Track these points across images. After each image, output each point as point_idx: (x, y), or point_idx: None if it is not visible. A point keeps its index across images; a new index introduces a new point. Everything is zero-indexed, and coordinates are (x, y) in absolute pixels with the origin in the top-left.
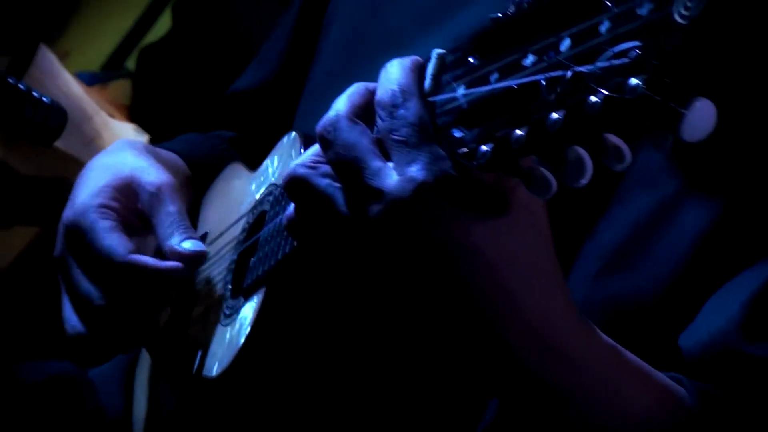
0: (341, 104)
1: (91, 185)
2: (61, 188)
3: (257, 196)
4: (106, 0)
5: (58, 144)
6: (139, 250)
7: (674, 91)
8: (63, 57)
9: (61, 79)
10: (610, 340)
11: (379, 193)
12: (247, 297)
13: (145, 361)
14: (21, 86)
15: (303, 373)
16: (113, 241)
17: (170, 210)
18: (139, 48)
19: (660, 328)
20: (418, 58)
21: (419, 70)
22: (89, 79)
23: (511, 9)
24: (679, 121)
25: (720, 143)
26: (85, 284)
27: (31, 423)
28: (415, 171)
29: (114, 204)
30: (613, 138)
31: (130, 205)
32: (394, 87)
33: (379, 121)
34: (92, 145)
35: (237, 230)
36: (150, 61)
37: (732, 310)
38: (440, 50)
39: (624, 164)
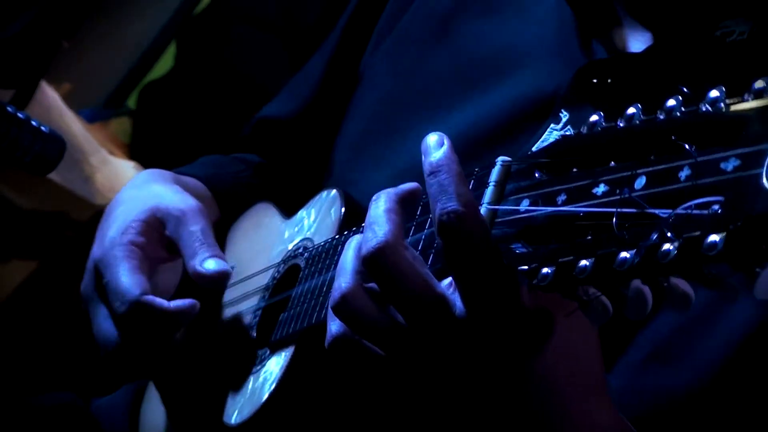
0: (384, 224)
1: (119, 221)
2: (60, 223)
3: (289, 246)
4: (109, 37)
5: (58, 179)
6: (161, 286)
7: (752, 250)
8: (65, 94)
9: (62, 116)
10: None
11: (448, 319)
12: (273, 351)
13: (153, 393)
14: (20, 115)
15: (323, 428)
16: (131, 280)
17: (193, 230)
18: (141, 86)
19: (693, 425)
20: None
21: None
22: (90, 116)
23: (584, 129)
24: (755, 279)
25: None
26: (107, 324)
27: None
28: (483, 296)
29: (141, 240)
30: (680, 283)
31: (157, 235)
32: (456, 204)
33: (439, 238)
34: (91, 181)
35: (266, 277)
36: (151, 99)
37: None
38: (506, 158)
39: (688, 309)
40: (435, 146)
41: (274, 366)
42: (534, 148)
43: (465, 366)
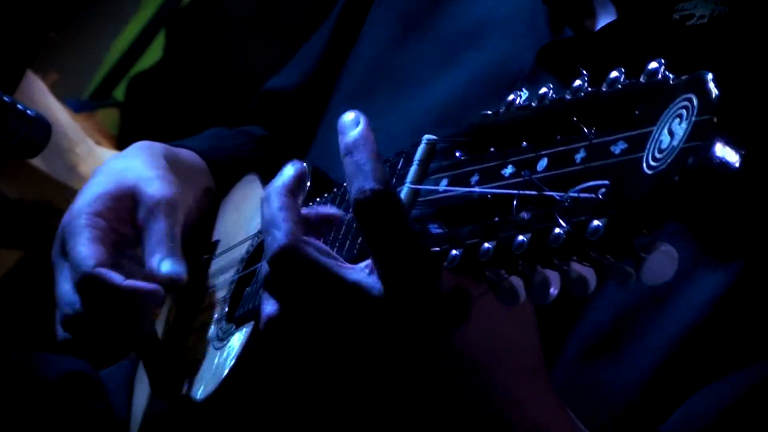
0: (280, 225)
1: (92, 191)
2: (45, 212)
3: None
4: (97, 28)
5: (43, 168)
6: (121, 264)
7: (635, 235)
8: (51, 83)
9: (48, 105)
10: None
11: (365, 303)
12: (237, 326)
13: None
14: (6, 99)
15: (284, 403)
16: (88, 250)
17: (158, 227)
18: (129, 77)
19: (638, 418)
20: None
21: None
22: (76, 106)
23: (502, 108)
24: (640, 265)
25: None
26: (67, 289)
27: (44, 417)
28: (400, 277)
29: (108, 213)
30: (578, 266)
31: (127, 215)
32: (371, 185)
33: (355, 220)
34: (76, 171)
35: (242, 249)
36: (140, 90)
37: (709, 419)
38: (431, 136)
39: (588, 292)
40: (351, 125)
41: (236, 341)
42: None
43: (384, 342)
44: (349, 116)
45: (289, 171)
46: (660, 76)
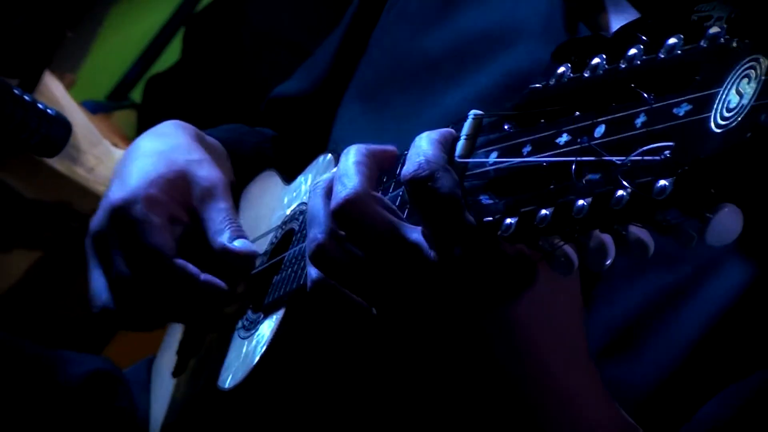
0: (354, 177)
1: (146, 171)
2: (63, 213)
3: (288, 212)
4: (113, 30)
5: (61, 169)
6: (181, 248)
7: (703, 194)
8: (68, 85)
9: (65, 106)
10: (629, 419)
11: (421, 265)
12: (266, 315)
13: (160, 362)
14: (26, 97)
15: (314, 392)
16: (163, 240)
17: (222, 206)
18: (145, 79)
19: (656, 416)
20: (449, 130)
21: (448, 142)
22: (93, 108)
23: (552, 81)
24: (706, 225)
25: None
26: (122, 265)
27: (70, 416)
28: (452, 244)
29: (165, 198)
30: (636, 230)
31: (181, 198)
32: (421, 160)
33: (408, 195)
34: (94, 172)
35: (265, 242)
36: (156, 91)
37: (727, 420)
38: (477, 111)
39: (647, 256)
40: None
41: (266, 329)
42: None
43: (438, 306)
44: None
45: (381, 146)
46: (722, 39)
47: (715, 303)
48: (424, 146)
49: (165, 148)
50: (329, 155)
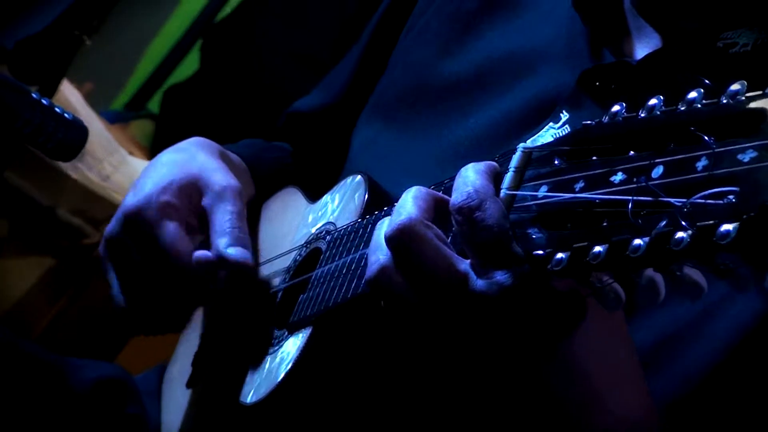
0: (410, 208)
1: (159, 178)
2: (78, 221)
3: (312, 230)
4: (132, 40)
5: (76, 176)
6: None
7: (765, 240)
8: (86, 93)
9: (83, 114)
10: None
11: (469, 295)
12: (291, 332)
13: (173, 371)
14: (44, 102)
15: (337, 411)
16: (180, 242)
17: (229, 209)
18: (163, 89)
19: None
20: (494, 164)
21: (494, 174)
22: (111, 118)
23: (606, 119)
24: (766, 271)
25: None
26: (136, 267)
27: (81, 422)
28: (499, 275)
29: (177, 203)
30: (692, 272)
31: (192, 204)
32: (470, 189)
33: (455, 224)
34: (110, 181)
35: (288, 259)
36: (174, 102)
37: None
38: (527, 145)
39: (701, 297)
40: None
41: (291, 346)
42: (529, 143)
43: (489, 339)
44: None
45: (444, 196)
46: None
47: (737, 326)
48: (471, 176)
49: (181, 159)
50: (359, 176)
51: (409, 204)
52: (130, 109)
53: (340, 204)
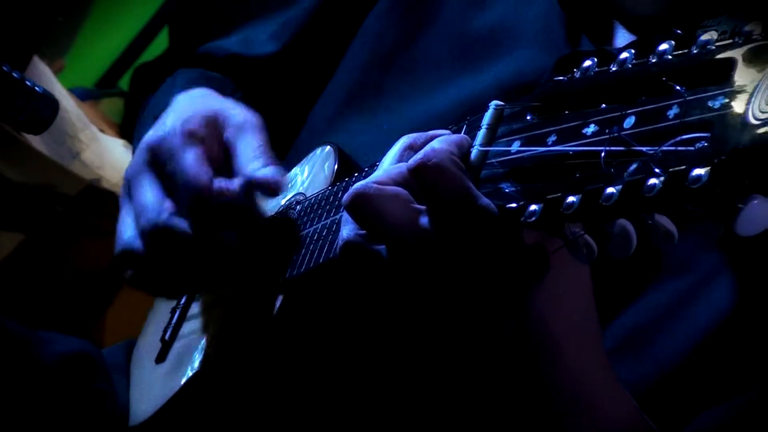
0: (441, 145)
1: (181, 112)
2: (49, 197)
3: (282, 201)
4: (104, 18)
5: (48, 153)
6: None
7: (735, 184)
8: (57, 71)
9: (54, 92)
10: (636, 406)
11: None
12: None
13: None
14: (15, 74)
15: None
16: (200, 168)
17: (252, 141)
18: (134, 67)
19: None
20: (462, 136)
21: (462, 146)
22: (82, 95)
23: (577, 74)
24: (736, 215)
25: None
26: (159, 196)
27: (47, 397)
28: (463, 230)
29: (201, 132)
30: (663, 219)
31: (216, 136)
32: (428, 149)
33: (416, 186)
34: (81, 157)
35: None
36: (143, 79)
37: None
38: (498, 102)
39: (671, 245)
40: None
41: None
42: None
43: (452, 294)
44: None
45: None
46: (758, 36)
47: (717, 310)
48: (435, 144)
49: (199, 96)
50: (328, 147)
51: (440, 141)
52: (101, 86)
53: (309, 175)
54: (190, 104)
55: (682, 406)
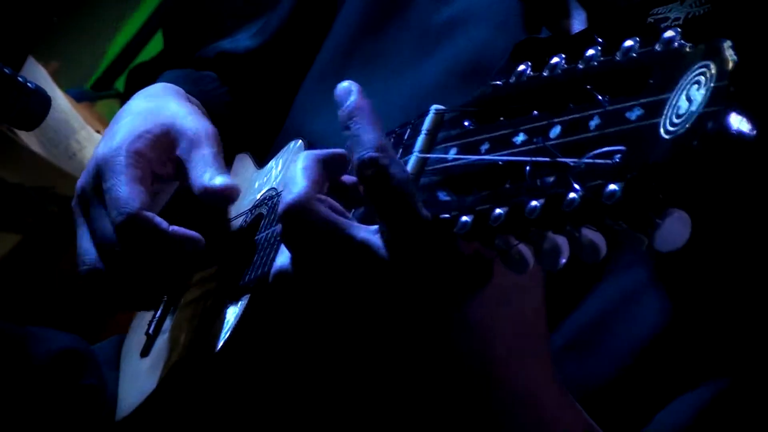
0: (299, 184)
1: (132, 128)
2: (44, 197)
3: (258, 196)
4: (100, 19)
5: (44, 153)
6: (168, 208)
7: (651, 199)
8: (53, 72)
9: (50, 92)
10: (588, 418)
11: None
12: (232, 300)
13: (130, 341)
14: (6, 70)
15: (278, 381)
16: (131, 191)
17: (206, 152)
18: (129, 68)
19: (605, 416)
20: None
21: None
22: (78, 96)
23: (512, 79)
24: (654, 230)
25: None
26: (103, 228)
27: (37, 393)
28: (400, 236)
29: (149, 152)
30: (589, 233)
31: (166, 152)
32: (370, 144)
33: (359, 180)
34: (76, 158)
35: (236, 224)
36: (139, 81)
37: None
38: (438, 106)
39: (598, 259)
40: (344, 95)
41: (231, 315)
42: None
43: (392, 304)
44: (341, 86)
45: (331, 150)
46: (676, 44)
47: (655, 317)
48: (369, 134)
49: (153, 107)
50: (299, 141)
51: (299, 176)
52: (97, 88)
53: (282, 169)
54: (145, 117)
55: (634, 405)
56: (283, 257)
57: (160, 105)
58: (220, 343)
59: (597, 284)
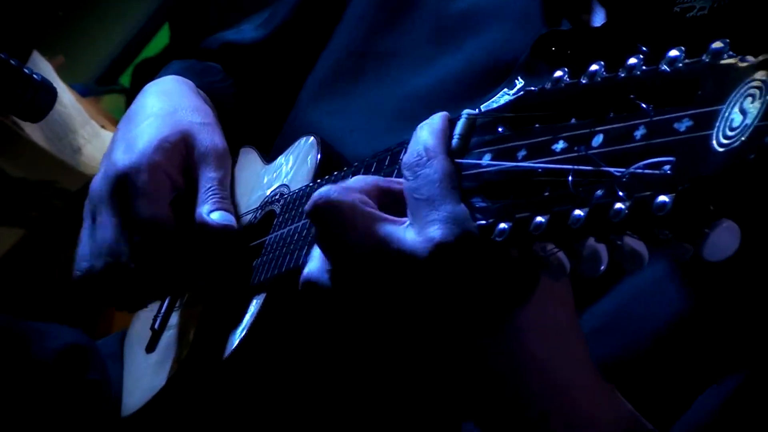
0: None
1: (151, 135)
2: (49, 192)
3: (267, 192)
4: (105, 14)
5: (49, 148)
6: (177, 214)
7: (702, 211)
8: (58, 66)
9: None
10: (630, 407)
11: (398, 254)
12: (246, 298)
13: (132, 336)
14: (12, 62)
15: (294, 381)
16: (162, 212)
17: (211, 175)
18: (135, 63)
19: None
20: (446, 115)
21: (447, 131)
22: (83, 91)
23: (548, 85)
24: (702, 239)
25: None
26: (114, 236)
27: (42, 389)
28: (434, 230)
29: (168, 165)
30: (631, 241)
31: (180, 162)
32: (420, 148)
33: (404, 182)
34: (81, 152)
35: (244, 221)
36: (144, 76)
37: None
38: (471, 111)
39: (642, 267)
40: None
41: (244, 313)
42: (483, 108)
43: (435, 313)
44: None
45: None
46: (726, 56)
47: (674, 308)
48: (424, 136)
49: (170, 109)
50: (312, 138)
51: (347, 182)
52: (102, 83)
53: (293, 166)
54: (163, 121)
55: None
56: (314, 263)
57: (176, 106)
58: (235, 343)
59: (621, 275)
